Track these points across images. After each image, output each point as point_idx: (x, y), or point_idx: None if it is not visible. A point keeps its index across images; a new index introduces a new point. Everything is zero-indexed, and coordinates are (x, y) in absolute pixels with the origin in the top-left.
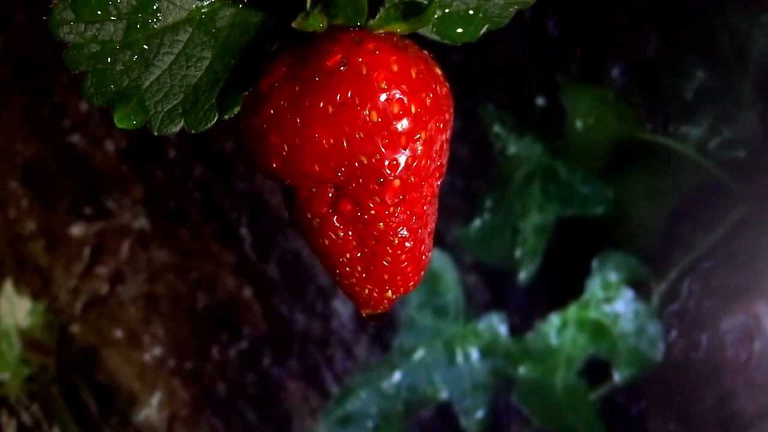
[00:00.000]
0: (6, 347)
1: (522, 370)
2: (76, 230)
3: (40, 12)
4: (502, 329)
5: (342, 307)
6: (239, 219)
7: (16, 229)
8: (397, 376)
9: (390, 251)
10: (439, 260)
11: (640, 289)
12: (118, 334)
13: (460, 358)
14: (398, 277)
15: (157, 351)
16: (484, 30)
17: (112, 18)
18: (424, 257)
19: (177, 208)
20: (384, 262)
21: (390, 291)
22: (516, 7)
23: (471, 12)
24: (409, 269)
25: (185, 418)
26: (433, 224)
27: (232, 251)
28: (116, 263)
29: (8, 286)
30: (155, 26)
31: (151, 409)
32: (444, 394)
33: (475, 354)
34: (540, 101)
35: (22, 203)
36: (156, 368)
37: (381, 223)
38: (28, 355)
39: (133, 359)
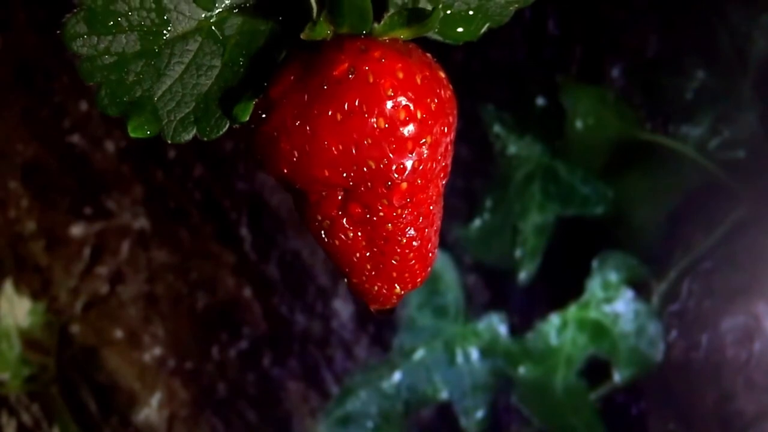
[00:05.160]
0: (6, 347)
1: (522, 370)
2: (76, 230)
3: (40, 12)
4: (502, 329)
5: (342, 307)
6: (239, 219)
7: (16, 229)
8: (397, 376)
9: (398, 250)
10: (439, 260)
11: (640, 289)
12: (118, 334)
13: (460, 358)
14: (406, 274)
15: (157, 351)
16: (484, 29)
17: (125, 30)
18: (430, 254)
19: (177, 208)
20: (393, 261)
21: (399, 287)
22: (516, 5)
23: (471, 12)
24: (416, 266)
25: (185, 418)
26: (439, 222)
27: (232, 251)
28: (116, 263)
29: (8, 286)
30: (166, 36)
31: (151, 409)
32: (444, 394)
33: (475, 354)
34: (540, 101)
35: (22, 203)
36: (156, 368)
37: (389, 224)
38: (28, 355)
39: (133, 359)
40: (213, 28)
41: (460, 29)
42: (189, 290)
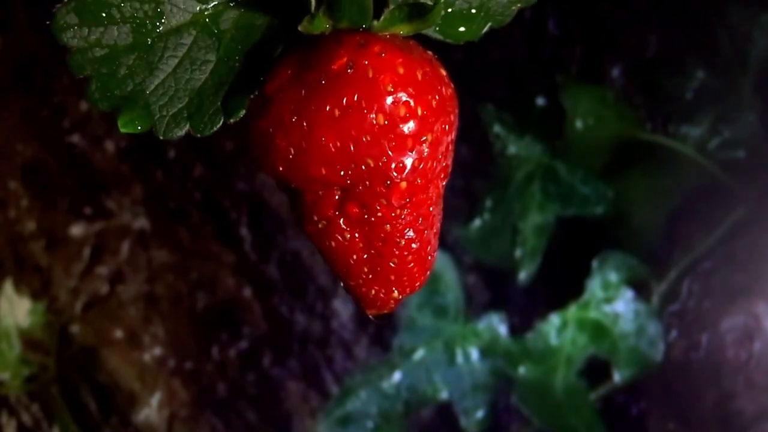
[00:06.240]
0: (6, 347)
1: (522, 370)
2: (76, 230)
3: (40, 12)
4: (502, 329)
5: (342, 307)
6: (239, 219)
7: (16, 229)
8: (397, 376)
9: (396, 252)
10: (439, 260)
11: (640, 289)
12: (118, 334)
13: (460, 358)
14: (405, 278)
15: (157, 351)
16: (486, 28)
17: (117, 22)
18: (430, 257)
19: (177, 208)
20: (391, 264)
21: (396, 291)
22: (519, 5)
23: (473, 11)
24: (415, 270)
25: (185, 418)
26: (439, 224)
27: (232, 251)
28: (116, 263)
29: (8, 286)
30: (159, 30)
31: (151, 409)
32: (444, 394)
33: (475, 354)
34: (540, 101)
35: (22, 203)
36: (156, 368)
37: (388, 225)
38: (28, 355)
39: (133, 359)
40: (208, 21)
41: (461, 28)
42: (189, 290)
